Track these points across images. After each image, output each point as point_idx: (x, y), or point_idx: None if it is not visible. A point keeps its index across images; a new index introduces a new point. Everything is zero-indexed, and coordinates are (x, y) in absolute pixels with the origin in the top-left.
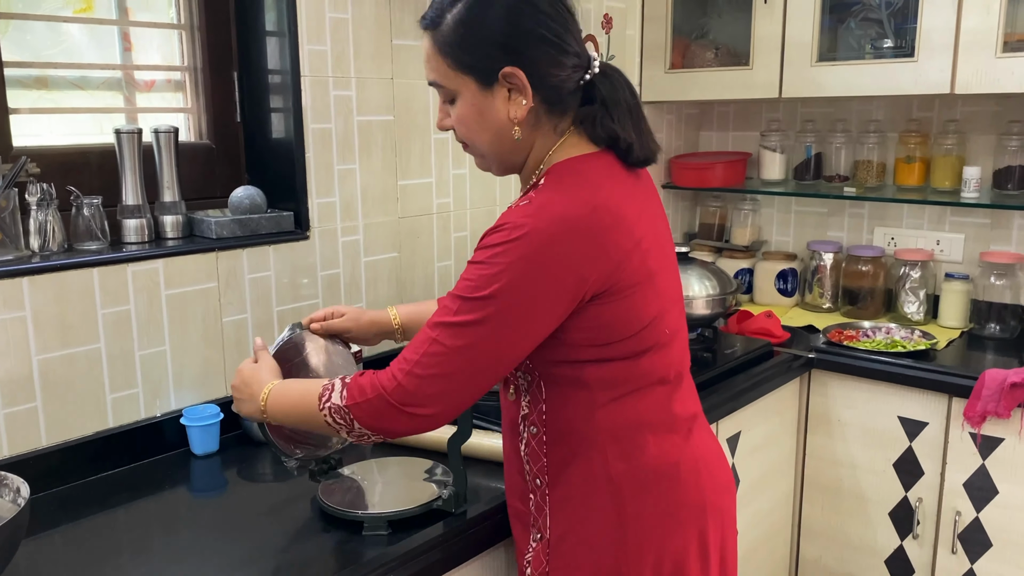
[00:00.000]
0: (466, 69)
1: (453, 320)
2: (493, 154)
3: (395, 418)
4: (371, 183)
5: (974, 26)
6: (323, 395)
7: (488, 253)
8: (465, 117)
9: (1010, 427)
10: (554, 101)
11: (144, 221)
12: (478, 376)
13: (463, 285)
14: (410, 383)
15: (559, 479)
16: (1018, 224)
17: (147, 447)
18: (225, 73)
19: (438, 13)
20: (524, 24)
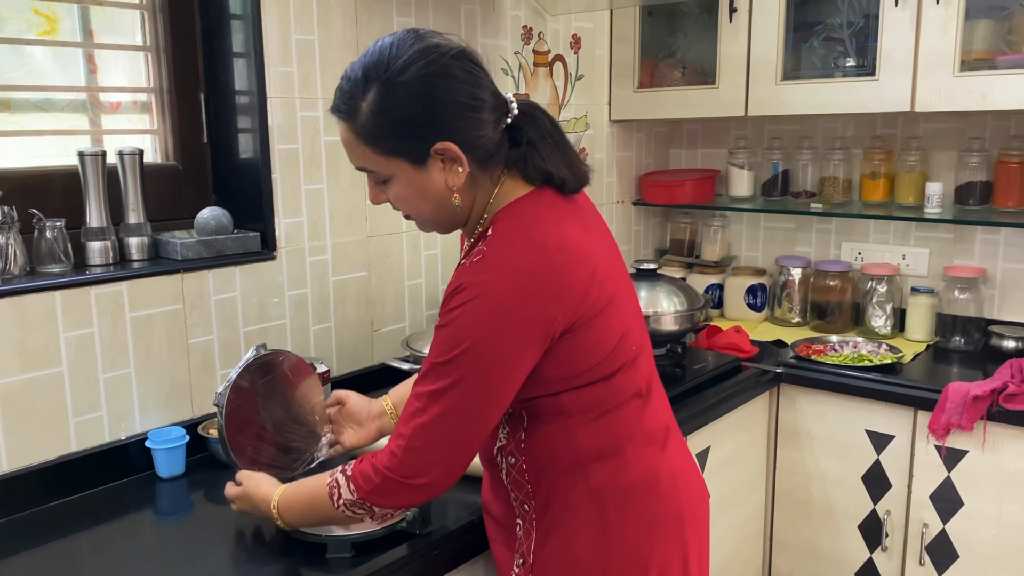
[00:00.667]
0: (396, 154)
1: (432, 388)
2: (438, 219)
3: (407, 493)
4: (339, 202)
5: (932, 46)
6: (332, 494)
7: (452, 315)
8: (403, 195)
9: (974, 439)
10: (486, 158)
11: (108, 243)
12: (469, 434)
13: (434, 350)
14: (408, 457)
15: (546, 503)
16: (980, 239)
17: (111, 471)
18: (192, 94)
19: (350, 103)
20: (442, 97)
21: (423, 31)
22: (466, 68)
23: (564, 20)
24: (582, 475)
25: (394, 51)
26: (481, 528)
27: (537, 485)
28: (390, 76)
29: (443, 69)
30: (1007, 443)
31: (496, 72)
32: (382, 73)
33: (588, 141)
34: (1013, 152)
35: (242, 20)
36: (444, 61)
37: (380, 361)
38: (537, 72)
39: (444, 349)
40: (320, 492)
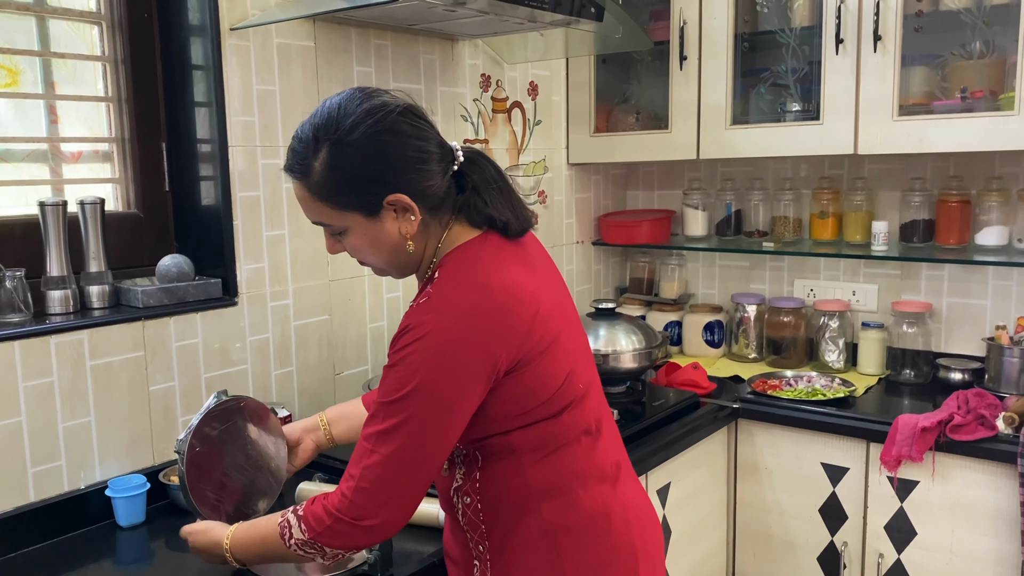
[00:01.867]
0: (350, 208)
1: (381, 427)
2: (394, 266)
3: (357, 534)
4: (300, 247)
5: (872, 92)
6: (284, 533)
7: (399, 356)
8: (359, 246)
9: (923, 470)
10: (436, 205)
11: (69, 292)
12: (417, 474)
13: (383, 390)
14: (358, 498)
15: (500, 543)
16: (926, 275)
17: (71, 521)
18: (153, 143)
19: (303, 163)
20: (391, 152)
21: (370, 89)
22: (412, 123)
23: (521, 68)
24: (534, 513)
25: (342, 111)
26: (442, 571)
27: (491, 525)
28: (340, 136)
29: (391, 126)
30: (956, 473)
31: (455, 119)
32: (332, 134)
33: (547, 184)
34: (952, 192)
35: (204, 70)
36: (391, 119)
37: None
38: (496, 118)
39: (392, 389)
40: (271, 532)
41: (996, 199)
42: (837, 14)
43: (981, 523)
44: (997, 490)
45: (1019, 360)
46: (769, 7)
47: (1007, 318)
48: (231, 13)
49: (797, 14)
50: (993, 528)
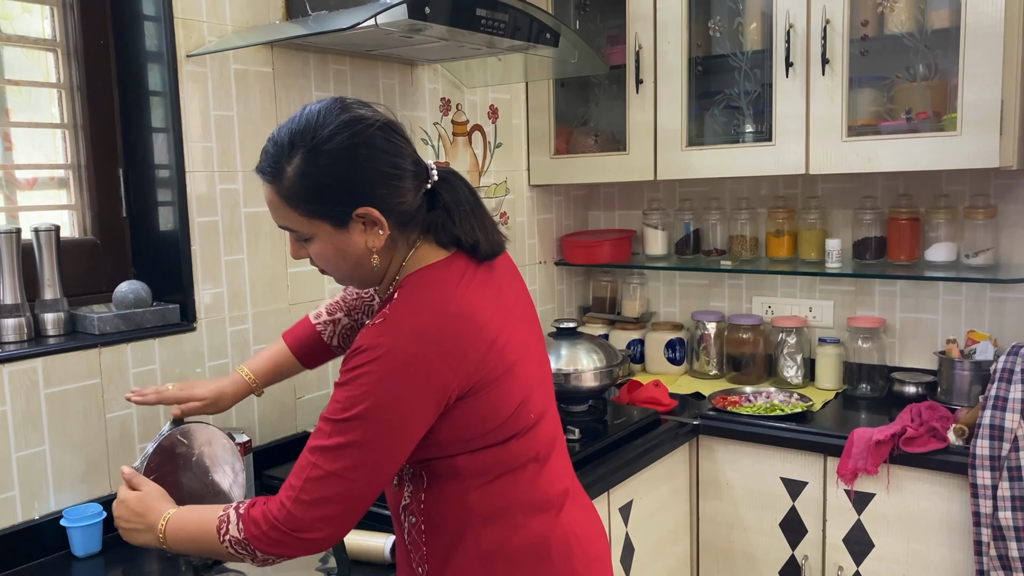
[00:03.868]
0: (318, 216)
1: (327, 444)
2: (356, 278)
3: (291, 544)
4: (260, 272)
5: (821, 113)
6: (220, 527)
7: (350, 375)
8: (324, 254)
9: (879, 482)
10: (405, 222)
11: (23, 320)
12: (360, 492)
13: (332, 407)
14: (297, 509)
15: (440, 566)
16: (879, 291)
17: (24, 552)
18: (110, 169)
19: (275, 165)
20: (364, 165)
21: (350, 100)
22: (389, 139)
23: (481, 92)
24: (473, 538)
25: (321, 119)
26: None
27: (432, 546)
28: (316, 144)
29: (367, 140)
30: (910, 485)
31: (416, 142)
32: (308, 141)
33: (509, 205)
34: (902, 209)
35: (161, 96)
36: (368, 132)
37: (303, 429)
38: (456, 141)
39: (341, 408)
40: (210, 522)
41: (944, 216)
42: (786, 38)
43: (935, 534)
44: (950, 500)
45: (969, 373)
46: (721, 32)
47: (957, 332)
48: (187, 40)
49: (748, 38)
50: (947, 538)
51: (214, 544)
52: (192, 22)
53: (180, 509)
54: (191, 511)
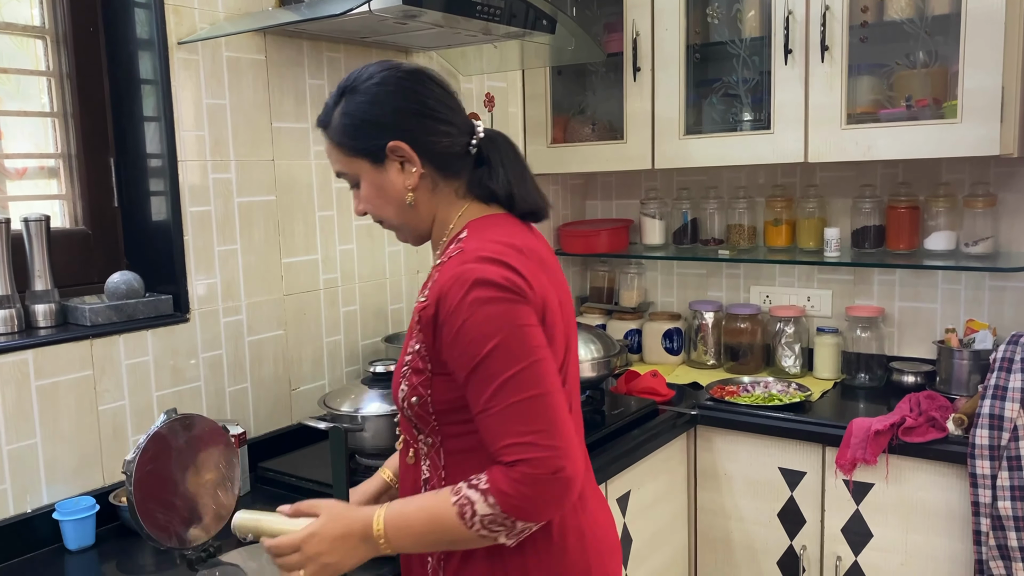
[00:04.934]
0: (358, 153)
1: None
2: (403, 223)
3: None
4: (253, 262)
5: (820, 101)
6: (465, 512)
7: (464, 312)
8: (369, 196)
9: (877, 473)
10: (444, 166)
11: (13, 311)
12: (558, 410)
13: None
14: (536, 452)
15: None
16: (878, 280)
17: (17, 545)
18: (101, 159)
19: (327, 113)
20: (397, 104)
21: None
22: (418, 80)
23: (477, 80)
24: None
25: (363, 70)
26: None
27: None
28: (354, 87)
29: (395, 81)
30: (909, 475)
31: None
32: (348, 86)
33: None
34: (901, 198)
35: (152, 85)
36: (397, 74)
37: (298, 421)
38: None
39: (476, 347)
40: (444, 512)
41: (943, 205)
42: (785, 25)
43: (934, 523)
44: (949, 490)
45: (968, 362)
46: (719, 18)
47: (956, 321)
48: (179, 27)
49: (747, 25)
50: (946, 528)
51: (458, 531)
52: (183, 8)
53: (388, 509)
54: (404, 508)
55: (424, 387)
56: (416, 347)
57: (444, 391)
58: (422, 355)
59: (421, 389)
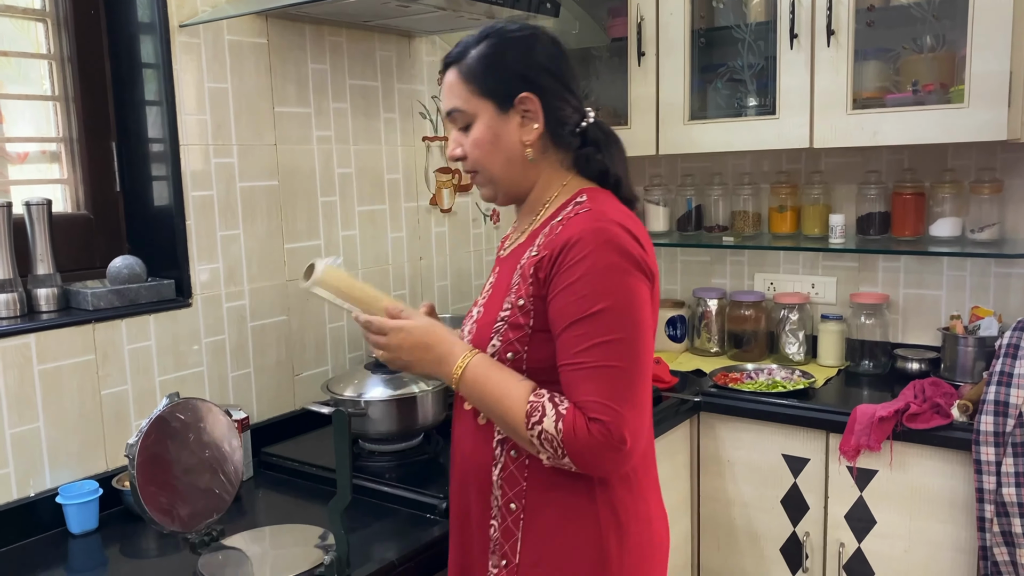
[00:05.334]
0: (487, 94)
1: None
2: (502, 177)
3: (611, 457)
4: (256, 248)
5: (826, 86)
6: (532, 415)
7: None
8: (481, 139)
9: (881, 459)
10: (559, 134)
11: (15, 295)
12: (646, 386)
13: (578, 305)
14: (615, 419)
15: (539, 504)
16: (882, 266)
17: (20, 529)
18: (103, 143)
19: (462, 50)
20: (538, 60)
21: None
22: (560, 47)
23: None
24: (586, 487)
25: (509, 22)
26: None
27: (534, 483)
28: (500, 32)
29: (544, 39)
30: (913, 461)
31: (414, 116)
32: (494, 31)
33: None
34: (907, 184)
35: (154, 69)
36: (546, 35)
37: (302, 406)
38: None
39: (588, 303)
40: (517, 401)
41: (949, 191)
42: (791, 9)
43: (938, 510)
44: (953, 477)
45: (973, 349)
46: (725, 3)
47: (961, 308)
48: (180, 10)
49: (752, 10)
50: (950, 515)
51: (514, 423)
52: None
53: (476, 358)
54: (488, 369)
55: (521, 343)
56: (519, 302)
57: (541, 348)
58: (525, 310)
59: (518, 345)
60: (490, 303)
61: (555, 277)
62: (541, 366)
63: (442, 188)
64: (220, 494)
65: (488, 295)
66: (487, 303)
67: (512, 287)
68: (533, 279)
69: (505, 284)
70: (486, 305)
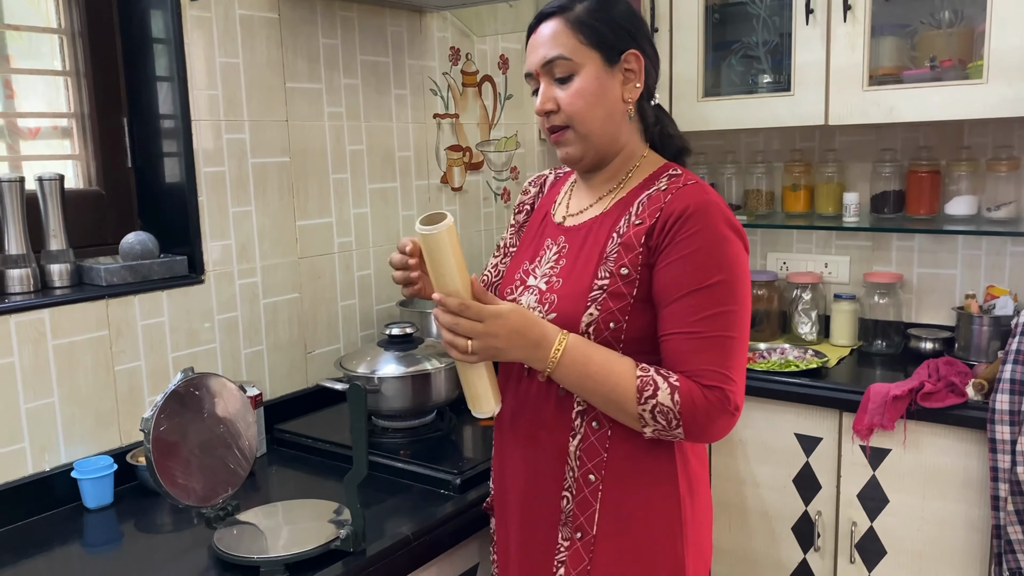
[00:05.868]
0: (596, 45)
1: (721, 310)
2: (599, 134)
3: (724, 421)
4: (268, 224)
5: (842, 62)
6: (644, 389)
7: (705, 237)
8: (586, 90)
9: (895, 438)
10: (646, 100)
11: (29, 271)
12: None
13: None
14: (732, 386)
15: (619, 476)
16: (896, 245)
17: (36, 504)
18: (114, 119)
19: (567, 3)
20: (643, 26)
21: None
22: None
23: (491, 41)
24: (667, 457)
25: None
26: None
27: (616, 455)
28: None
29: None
30: (926, 440)
31: (425, 92)
32: None
33: (519, 159)
34: (923, 162)
35: (165, 44)
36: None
37: (315, 383)
38: (466, 92)
39: (705, 275)
40: (625, 376)
41: (965, 169)
42: None
43: (951, 489)
44: (967, 456)
45: (988, 328)
46: None
47: (976, 287)
48: None
49: None
50: (963, 494)
51: (623, 400)
52: None
53: (573, 338)
54: (587, 347)
55: (623, 313)
56: (622, 271)
57: (639, 318)
58: (629, 279)
59: (619, 315)
60: (570, 272)
61: (667, 247)
62: (638, 335)
63: (453, 166)
64: (235, 469)
65: (561, 265)
66: (566, 272)
67: (607, 256)
68: (643, 248)
69: (588, 253)
70: (564, 274)
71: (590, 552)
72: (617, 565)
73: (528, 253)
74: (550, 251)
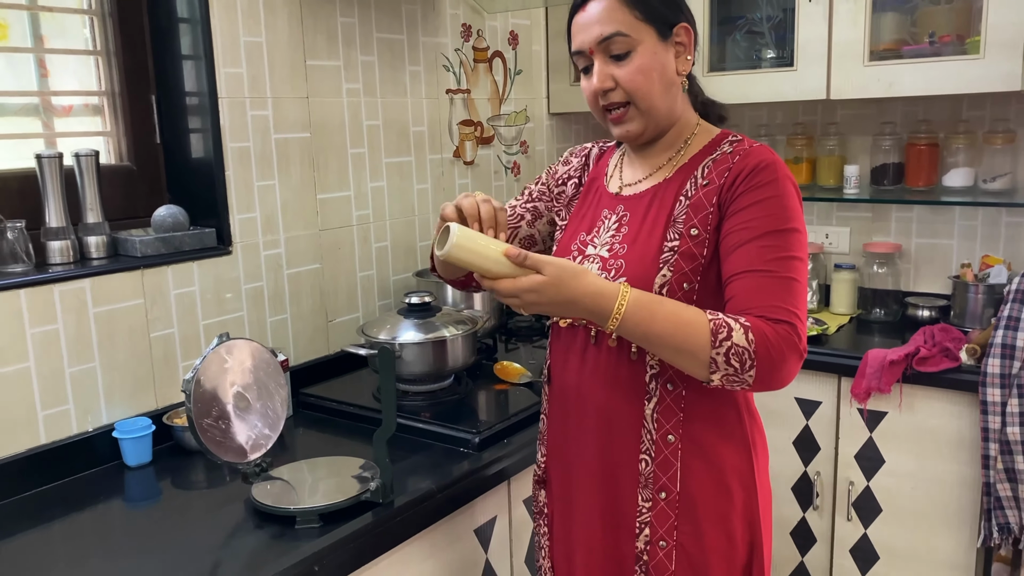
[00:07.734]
0: (651, 20)
1: (793, 255)
2: (660, 108)
3: (795, 361)
4: (290, 198)
5: (844, 38)
6: (718, 331)
7: (778, 189)
8: (645, 66)
9: (891, 401)
10: (693, 74)
11: (69, 242)
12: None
13: (766, 222)
14: (800, 325)
15: (695, 434)
16: (895, 216)
17: (80, 462)
18: (143, 96)
19: None
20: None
21: None
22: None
23: (501, 18)
24: (734, 409)
25: None
26: (441, 497)
27: (691, 414)
28: None
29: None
30: (921, 403)
31: (438, 69)
32: None
33: (529, 134)
34: (921, 135)
35: (190, 23)
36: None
37: (337, 349)
38: (477, 68)
39: (780, 221)
40: (697, 322)
41: (963, 142)
42: None
43: (945, 449)
44: (960, 418)
45: (983, 296)
46: None
47: (972, 257)
48: None
49: None
50: (955, 454)
51: (697, 343)
52: None
53: (635, 291)
54: (652, 298)
55: (695, 273)
56: (692, 232)
57: (712, 278)
58: (699, 240)
59: (691, 275)
60: (635, 238)
61: (740, 196)
62: (708, 294)
63: (465, 141)
64: (268, 429)
65: (624, 233)
66: (630, 238)
67: (675, 218)
68: (713, 208)
69: (655, 218)
70: (629, 241)
71: (675, 509)
72: (702, 521)
73: (584, 224)
74: (608, 220)
